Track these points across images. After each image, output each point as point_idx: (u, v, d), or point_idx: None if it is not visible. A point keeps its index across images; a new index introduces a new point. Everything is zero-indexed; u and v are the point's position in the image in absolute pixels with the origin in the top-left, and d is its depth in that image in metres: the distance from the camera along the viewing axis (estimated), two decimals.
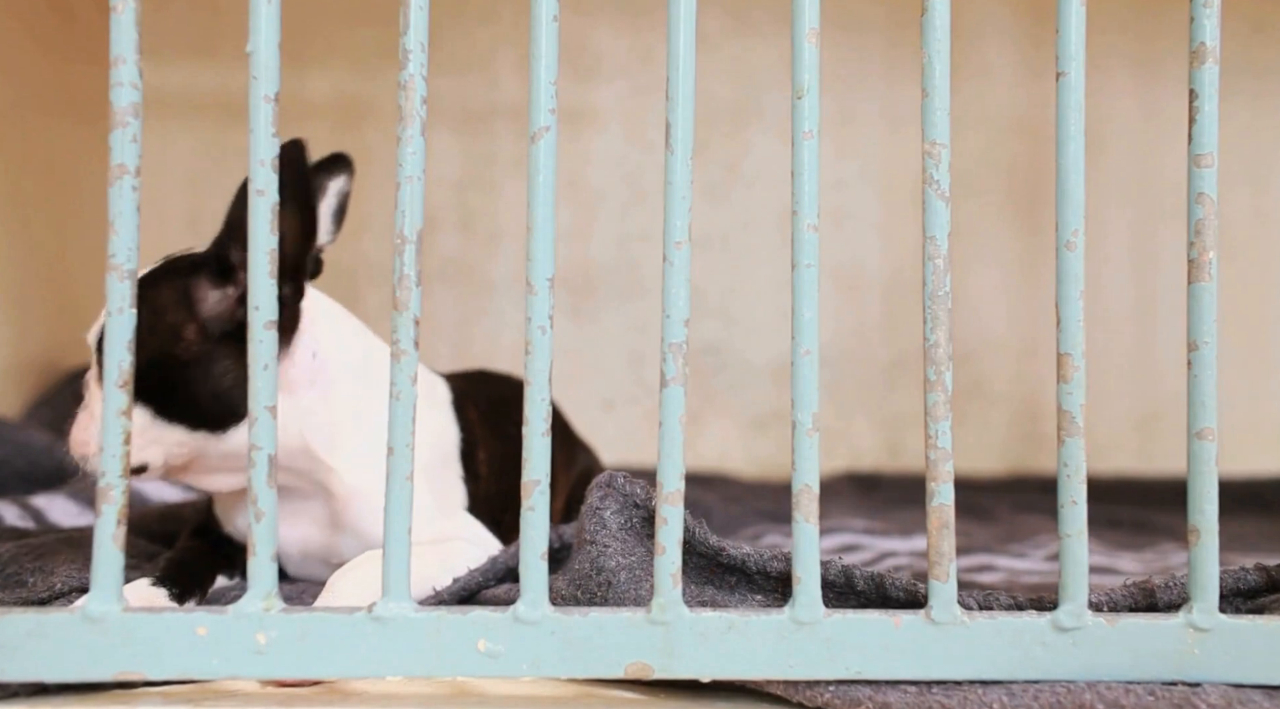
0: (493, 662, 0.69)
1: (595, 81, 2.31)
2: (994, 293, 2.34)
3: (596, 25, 2.30)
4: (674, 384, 0.71)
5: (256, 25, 0.69)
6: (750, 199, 2.32)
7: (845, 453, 2.34)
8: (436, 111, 2.27)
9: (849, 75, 2.32)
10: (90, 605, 0.68)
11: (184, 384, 0.88)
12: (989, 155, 2.31)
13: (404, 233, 0.70)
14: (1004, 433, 2.38)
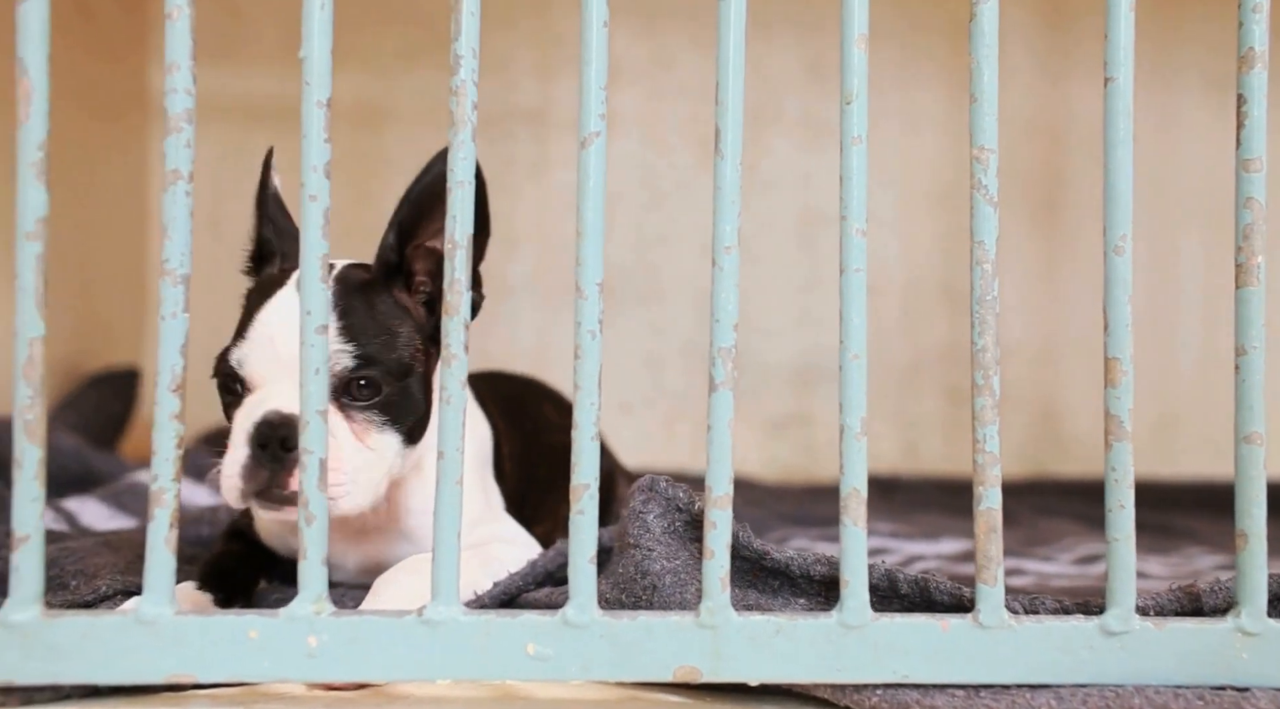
0: (542, 665, 0.70)
1: (613, 86, 2.31)
2: (1012, 296, 2.34)
3: (614, 30, 2.30)
4: (723, 388, 0.71)
5: (309, 31, 0.70)
6: (768, 202, 2.33)
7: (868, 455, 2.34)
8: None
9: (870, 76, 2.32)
10: (143, 609, 0.68)
11: (416, 400, 0.88)
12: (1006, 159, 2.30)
13: (454, 238, 0.70)
14: (1022, 436, 2.37)
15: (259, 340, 0.84)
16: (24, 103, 0.68)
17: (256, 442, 0.81)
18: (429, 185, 0.87)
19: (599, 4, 0.71)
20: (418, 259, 0.90)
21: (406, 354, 0.88)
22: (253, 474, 0.81)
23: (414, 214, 0.88)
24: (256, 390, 0.84)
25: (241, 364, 0.84)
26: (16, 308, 0.68)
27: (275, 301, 0.86)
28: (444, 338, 0.70)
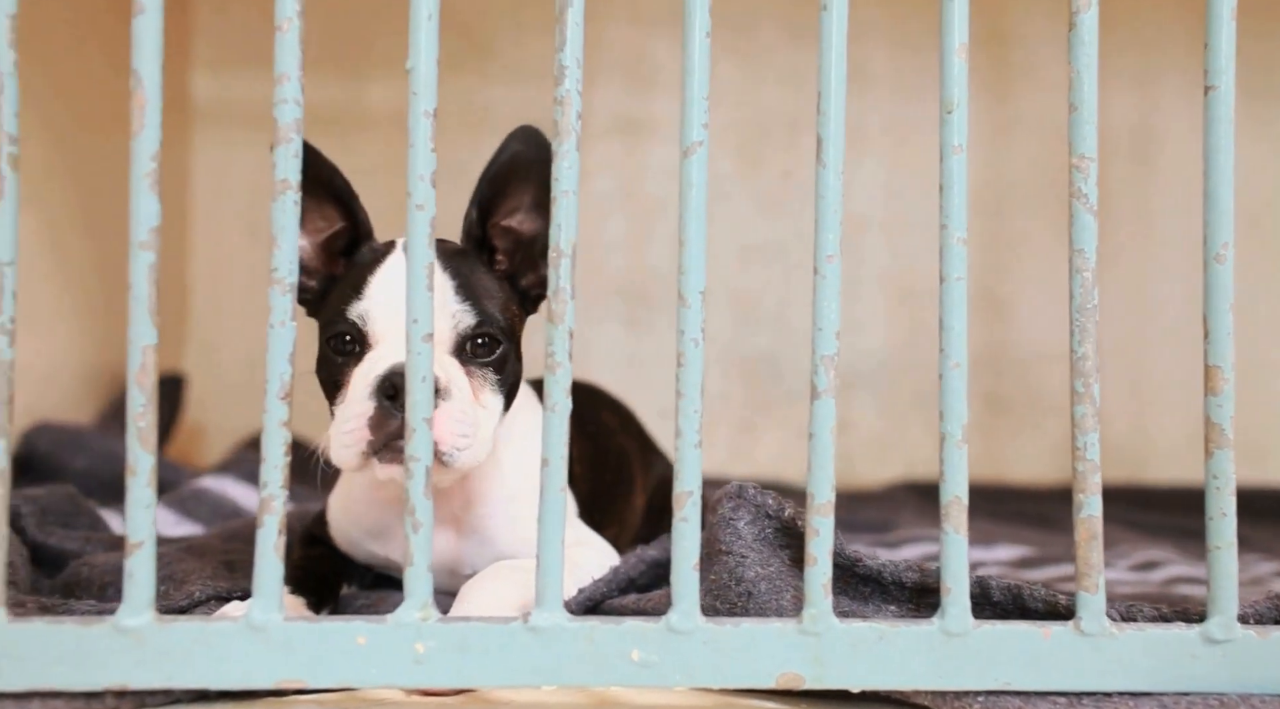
0: (646, 671, 0.70)
1: (653, 92, 2.32)
2: (1048, 302, 2.34)
3: (654, 37, 2.31)
4: (825, 396, 0.71)
5: (416, 43, 0.71)
6: (806, 208, 2.33)
7: (901, 461, 2.34)
8: (493, 121, 2.29)
9: (904, 86, 2.32)
10: (253, 614, 0.69)
11: (515, 365, 0.90)
12: (1044, 165, 2.31)
13: (560, 246, 0.71)
14: (1059, 442, 2.37)
15: (379, 298, 0.86)
16: (138, 114, 0.68)
17: (385, 393, 0.82)
18: (504, 164, 0.89)
19: (701, 15, 0.71)
20: (496, 236, 0.92)
21: (509, 316, 0.90)
22: (381, 425, 0.81)
23: (491, 192, 0.91)
24: (377, 346, 0.85)
25: (364, 319, 0.86)
26: (130, 316, 0.69)
27: (390, 264, 0.88)
28: (548, 345, 0.70)
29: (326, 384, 0.88)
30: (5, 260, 0.68)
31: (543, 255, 0.92)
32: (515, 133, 0.89)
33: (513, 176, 0.89)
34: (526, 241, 0.92)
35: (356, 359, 0.85)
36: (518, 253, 0.93)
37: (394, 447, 0.82)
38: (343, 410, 0.84)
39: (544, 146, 0.88)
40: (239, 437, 2.12)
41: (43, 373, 1.61)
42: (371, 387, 0.82)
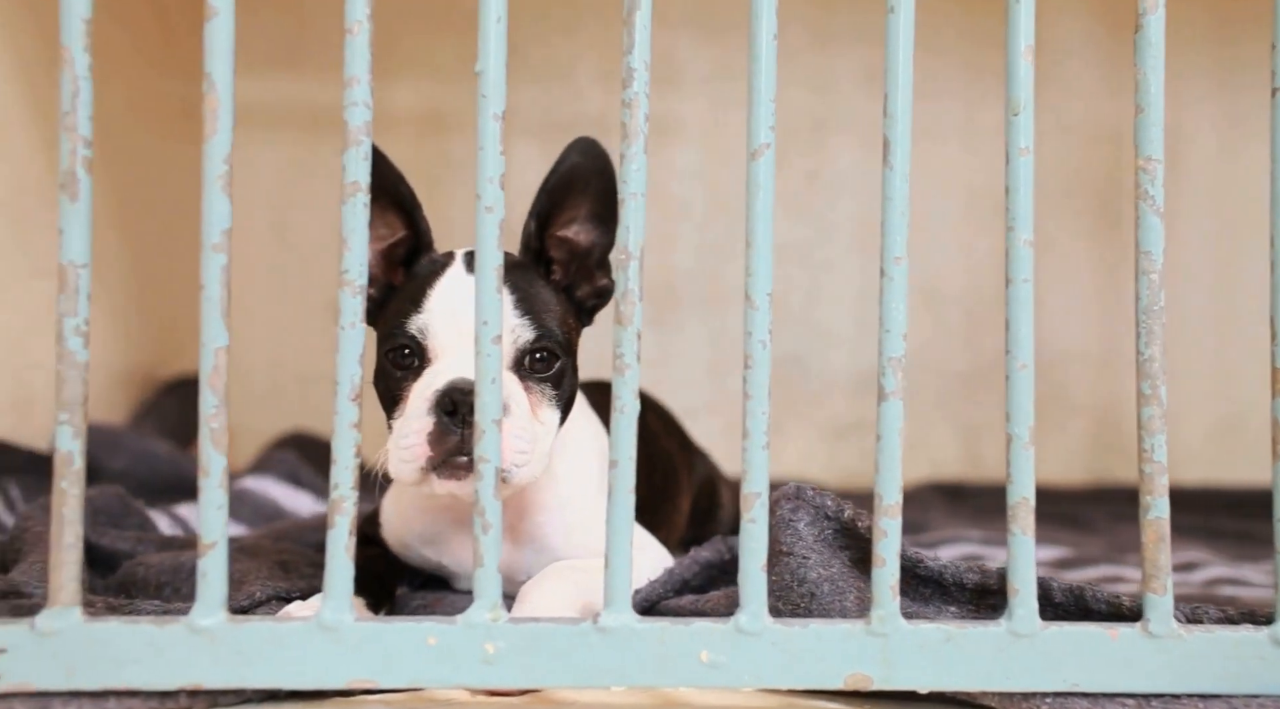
0: (715, 672, 0.70)
1: (678, 94, 2.32)
2: (1074, 303, 2.34)
3: (679, 38, 2.31)
4: (893, 398, 0.71)
5: (485, 47, 0.71)
6: (830, 209, 2.33)
7: (926, 463, 2.34)
8: (518, 122, 2.29)
9: (928, 90, 2.32)
10: (324, 615, 0.69)
11: (572, 378, 0.90)
12: (1070, 168, 2.31)
13: (628, 249, 0.71)
14: (1084, 442, 2.37)
15: (439, 312, 0.86)
16: (210, 118, 0.69)
17: (444, 408, 0.81)
18: (563, 176, 0.89)
19: (769, 18, 0.71)
20: (553, 247, 0.92)
21: (566, 330, 0.90)
22: (440, 441, 0.81)
23: (549, 204, 0.90)
24: (437, 360, 0.85)
25: (424, 333, 0.86)
26: (202, 318, 0.69)
27: (449, 278, 0.88)
28: (617, 347, 0.71)
29: (384, 397, 0.87)
30: (79, 262, 0.69)
31: (599, 266, 0.93)
32: (574, 144, 0.89)
33: (571, 188, 0.89)
34: (583, 252, 0.92)
35: (415, 373, 0.85)
36: (573, 264, 0.93)
37: (453, 463, 0.82)
38: (401, 425, 0.84)
39: (602, 158, 0.88)
40: (265, 437, 2.13)
41: None
42: (431, 402, 0.82)
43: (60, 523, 0.68)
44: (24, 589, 0.80)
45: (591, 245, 0.91)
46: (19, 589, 0.80)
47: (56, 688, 0.67)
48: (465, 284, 0.86)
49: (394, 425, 0.85)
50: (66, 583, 0.68)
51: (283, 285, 2.26)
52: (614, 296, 0.71)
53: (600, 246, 0.91)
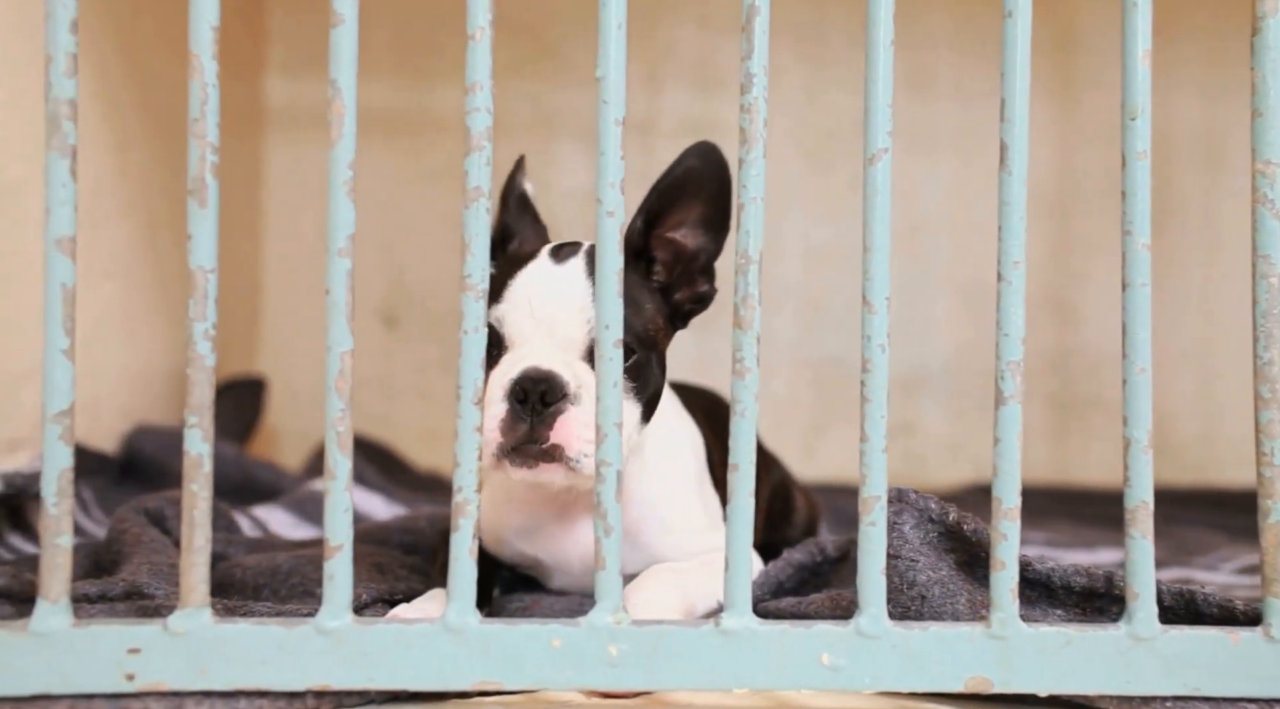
0: (835, 675, 0.70)
1: (721, 98, 2.33)
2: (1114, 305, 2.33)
3: (722, 43, 2.32)
4: (1012, 401, 0.71)
5: (606, 52, 0.71)
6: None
7: (969, 465, 2.34)
8: (564, 124, 2.30)
9: (970, 92, 2.32)
10: (450, 617, 0.70)
11: (655, 374, 0.91)
12: (1110, 170, 2.31)
13: (748, 253, 0.71)
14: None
15: (517, 302, 0.87)
16: (336, 124, 0.70)
17: (515, 396, 0.83)
18: (676, 179, 0.89)
19: (886, 24, 0.72)
20: (658, 247, 0.92)
21: (651, 327, 0.91)
22: (511, 428, 0.83)
23: (659, 205, 0.91)
24: (513, 349, 0.86)
25: (501, 322, 0.87)
26: (327, 322, 0.70)
27: (531, 269, 0.89)
28: (736, 351, 0.71)
29: None
30: (208, 266, 0.69)
31: (703, 272, 0.93)
32: (692, 148, 0.89)
33: (685, 190, 0.89)
34: (689, 256, 0.92)
35: (494, 360, 0.86)
36: (677, 266, 0.93)
37: (525, 450, 0.83)
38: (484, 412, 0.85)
39: (720, 163, 0.89)
40: (313, 440, 2.14)
41: (139, 376, 1.63)
42: (505, 389, 0.83)
43: (191, 526, 0.69)
44: (145, 590, 0.81)
45: (699, 250, 0.92)
46: (140, 589, 0.81)
47: (189, 688, 0.68)
48: (546, 274, 0.88)
49: None
50: (197, 585, 0.69)
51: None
52: (733, 301, 0.72)
53: (707, 252, 0.91)
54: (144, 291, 1.64)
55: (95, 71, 1.43)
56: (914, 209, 2.33)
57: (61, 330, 0.69)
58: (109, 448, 1.49)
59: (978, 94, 2.33)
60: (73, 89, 0.69)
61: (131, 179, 1.56)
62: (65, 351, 0.69)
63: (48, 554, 0.68)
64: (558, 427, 0.82)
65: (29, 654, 0.67)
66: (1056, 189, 2.30)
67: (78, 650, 0.67)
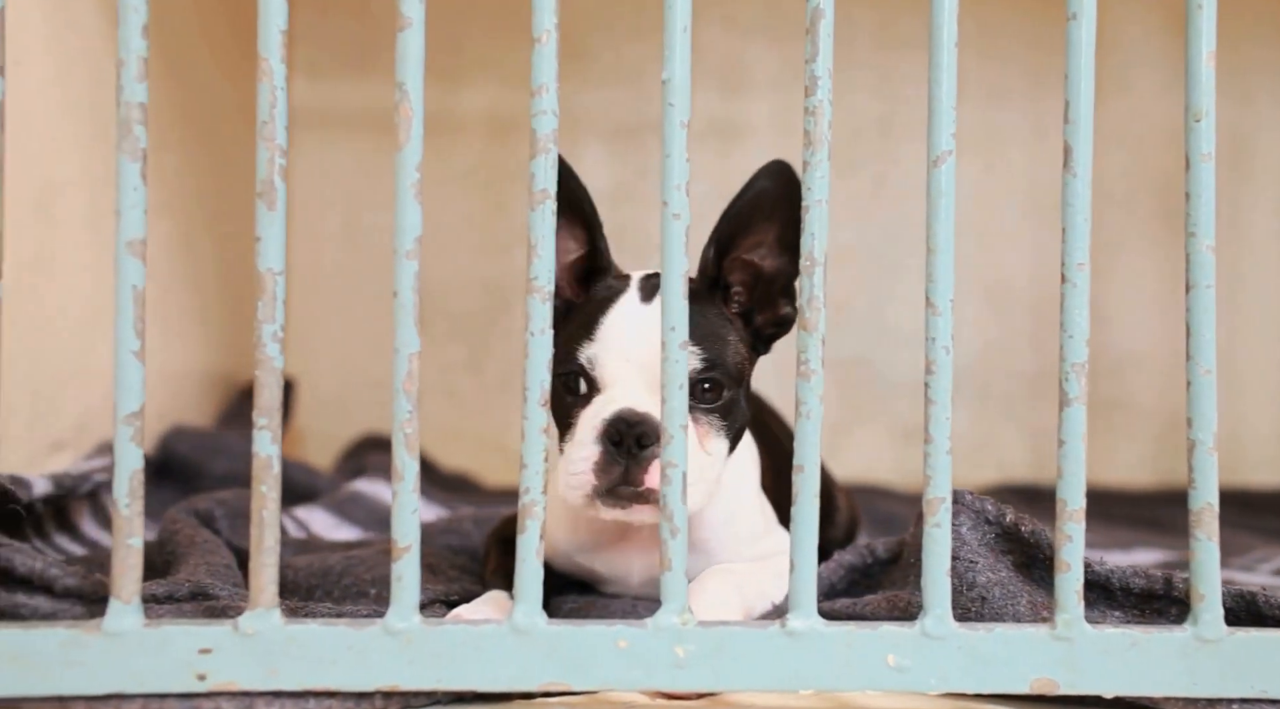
0: (901, 676, 0.71)
1: (746, 98, 2.33)
2: (1140, 306, 2.33)
3: (748, 42, 2.32)
4: (1076, 403, 0.72)
5: (671, 54, 0.72)
6: (897, 212, 2.33)
7: (994, 466, 2.33)
8: (587, 125, 2.30)
9: (992, 89, 2.32)
10: (517, 618, 0.70)
11: (743, 409, 0.90)
12: (1134, 170, 2.30)
13: (813, 255, 0.72)
14: (1151, 445, 2.36)
15: (609, 342, 0.86)
16: (404, 126, 0.70)
17: (610, 438, 0.82)
18: (750, 201, 0.88)
19: (950, 27, 0.72)
20: (733, 271, 0.91)
21: (738, 359, 0.90)
22: (606, 471, 0.82)
23: (732, 229, 0.89)
24: (606, 389, 0.86)
25: (593, 363, 0.86)
26: (395, 324, 0.70)
27: (621, 305, 0.88)
28: (802, 353, 0.71)
29: (557, 418, 0.88)
30: (276, 269, 0.70)
31: (783, 294, 0.91)
32: (764, 168, 0.88)
33: (758, 212, 0.88)
34: (767, 279, 0.91)
35: (585, 400, 0.86)
36: (756, 289, 0.92)
37: (618, 492, 0.83)
38: (571, 451, 0.85)
39: (792, 183, 0.87)
40: (337, 441, 2.15)
41: (174, 377, 1.64)
42: (598, 431, 0.83)
43: (260, 526, 0.69)
44: (210, 590, 0.82)
45: (777, 272, 0.90)
46: (205, 590, 0.81)
47: (259, 688, 0.68)
48: (637, 313, 0.87)
49: (564, 448, 0.86)
50: (267, 585, 0.69)
51: (353, 289, 2.28)
52: (799, 303, 0.72)
53: (786, 274, 0.90)
54: (179, 294, 1.65)
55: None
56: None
57: (133, 332, 0.70)
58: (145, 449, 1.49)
59: (998, 97, 2.33)
60: (143, 93, 0.69)
61: (167, 182, 1.56)
62: (136, 353, 0.70)
63: (119, 555, 0.68)
64: (653, 470, 0.82)
65: (102, 654, 0.67)
66: None
67: (150, 650, 0.68)
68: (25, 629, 0.67)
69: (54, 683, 0.67)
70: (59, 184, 1.26)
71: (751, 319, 0.92)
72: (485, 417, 2.24)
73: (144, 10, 0.69)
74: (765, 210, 0.88)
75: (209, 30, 1.86)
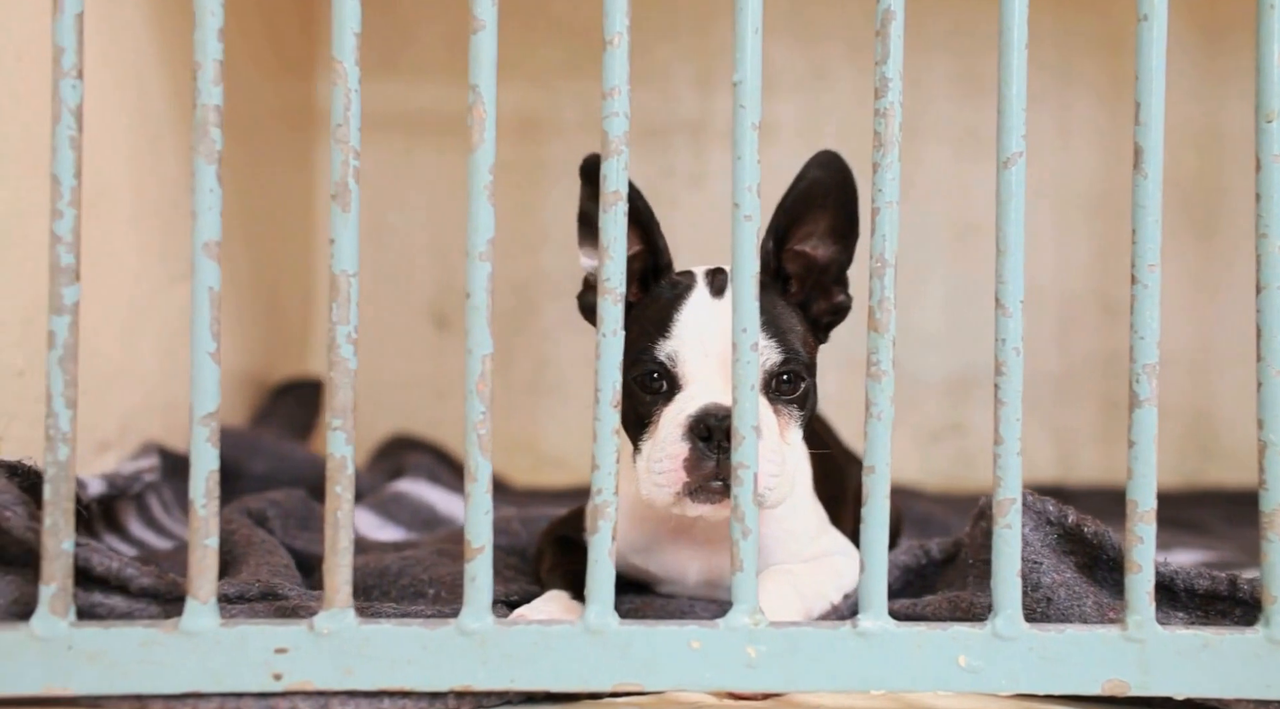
0: (972, 677, 0.71)
1: (772, 97, 2.33)
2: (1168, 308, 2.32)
3: (773, 43, 2.32)
4: (1147, 405, 0.72)
5: (742, 56, 0.72)
6: (922, 213, 2.33)
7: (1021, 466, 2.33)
8: None
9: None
10: (590, 618, 0.70)
11: (815, 396, 0.90)
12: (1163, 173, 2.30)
13: (884, 256, 0.72)
14: (1178, 446, 2.35)
15: (687, 339, 0.86)
16: (477, 128, 0.70)
17: (699, 434, 0.82)
18: (802, 192, 0.88)
19: (1021, 28, 0.72)
20: (789, 261, 0.92)
21: (808, 349, 0.90)
22: (697, 466, 0.82)
23: (787, 221, 0.90)
24: (687, 386, 0.85)
25: (674, 360, 0.86)
26: (468, 325, 0.70)
27: (694, 301, 0.88)
28: (873, 354, 0.71)
29: (629, 419, 0.87)
30: (350, 271, 0.70)
31: (836, 282, 0.92)
32: (815, 158, 0.89)
33: (811, 202, 0.89)
34: (820, 268, 0.92)
35: (665, 398, 0.86)
36: (810, 279, 0.92)
37: (708, 488, 0.82)
38: (653, 449, 0.84)
39: (844, 171, 0.88)
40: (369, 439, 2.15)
41: None
42: (684, 427, 0.83)
43: (335, 527, 0.69)
44: (279, 590, 0.82)
45: (829, 261, 0.91)
46: (275, 590, 0.82)
47: (334, 687, 0.69)
48: (710, 307, 0.87)
49: (642, 448, 0.86)
50: (341, 586, 0.69)
51: (382, 289, 2.28)
52: (870, 304, 0.72)
53: (838, 262, 0.91)
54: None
55: (166, 76, 1.44)
56: (964, 212, 2.32)
57: (209, 334, 0.70)
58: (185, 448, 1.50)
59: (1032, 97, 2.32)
60: (219, 95, 0.69)
61: None
62: (213, 355, 0.70)
63: (196, 555, 0.69)
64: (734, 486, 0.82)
65: (180, 653, 0.68)
66: (1105, 190, 2.30)
67: (227, 650, 0.68)
68: (105, 628, 0.67)
69: (133, 681, 0.67)
70: (102, 187, 1.27)
71: (809, 308, 0.92)
72: (512, 418, 2.24)
73: (220, 14, 0.70)
74: (818, 200, 0.88)
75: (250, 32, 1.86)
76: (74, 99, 0.70)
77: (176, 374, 1.49)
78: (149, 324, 1.43)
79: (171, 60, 1.45)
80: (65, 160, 0.70)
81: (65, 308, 0.70)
